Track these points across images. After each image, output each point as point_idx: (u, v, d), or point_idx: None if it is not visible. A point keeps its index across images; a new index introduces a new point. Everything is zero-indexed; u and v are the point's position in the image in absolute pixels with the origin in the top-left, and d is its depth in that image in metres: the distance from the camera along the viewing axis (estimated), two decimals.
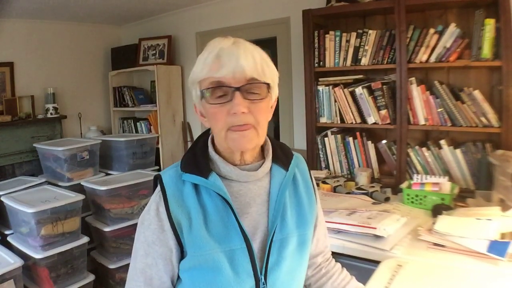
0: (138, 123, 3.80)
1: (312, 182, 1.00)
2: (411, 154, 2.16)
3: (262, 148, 0.93)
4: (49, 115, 3.47)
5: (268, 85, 0.82)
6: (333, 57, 2.34)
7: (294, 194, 0.93)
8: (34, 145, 3.17)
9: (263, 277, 0.84)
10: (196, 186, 0.85)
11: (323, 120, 2.43)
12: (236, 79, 0.78)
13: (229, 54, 0.78)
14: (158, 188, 0.86)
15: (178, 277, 0.88)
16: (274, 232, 0.86)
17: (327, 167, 2.47)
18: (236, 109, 0.78)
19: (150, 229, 0.84)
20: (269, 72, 0.83)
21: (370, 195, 2.01)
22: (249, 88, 0.79)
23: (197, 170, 0.85)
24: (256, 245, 0.85)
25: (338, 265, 1.11)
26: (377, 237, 1.42)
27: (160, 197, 0.84)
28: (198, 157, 0.88)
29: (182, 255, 0.85)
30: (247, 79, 0.78)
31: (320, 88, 2.39)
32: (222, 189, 0.83)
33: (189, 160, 0.88)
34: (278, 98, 0.94)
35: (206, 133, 0.93)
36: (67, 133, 3.67)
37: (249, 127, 0.80)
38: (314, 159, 2.50)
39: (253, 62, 0.79)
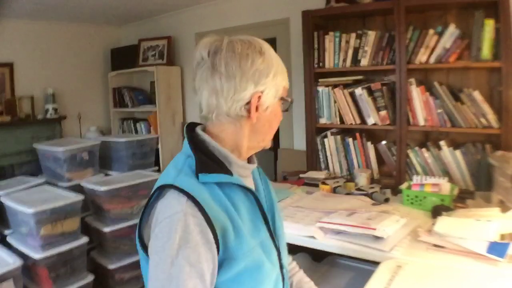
0: (137, 124, 3.80)
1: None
2: (411, 155, 2.16)
3: None
4: (48, 116, 3.46)
5: None
6: (333, 58, 2.34)
7: (262, 180, 1.02)
8: (34, 145, 3.17)
9: (279, 257, 0.90)
10: (219, 186, 0.81)
11: (323, 121, 2.43)
12: None
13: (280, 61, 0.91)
14: (181, 198, 0.75)
15: None
16: (274, 215, 0.94)
17: (327, 168, 2.47)
18: (282, 117, 0.92)
19: (189, 247, 0.71)
20: None
21: (369, 196, 2.00)
22: None
23: (221, 168, 0.83)
24: None
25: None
26: (377, 238, 1.42)
27: (192, 207, 0.73)
28: (213, 157, 0.85)
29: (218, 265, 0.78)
30: None
31: (319, 89, 2.39)
32: (245, 184, 0.85)
33: (206, 161, 0.82)
34: None
35: (192, 133, 0.89)
36: (66, 134, 3.67)
37: None
38: (313, 160, 2.50)
39: None
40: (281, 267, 0.91)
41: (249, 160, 0.94)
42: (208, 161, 0.82)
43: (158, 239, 0.73)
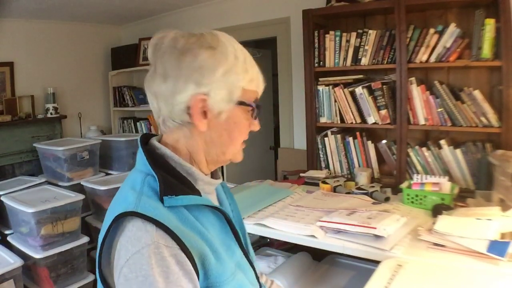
0: (138, 123, 3.80)
1: None
2: (411, 154, 2.16)
3: None
4: (49, 115, 3.46)
5: None
6: (333, 57, 2.34)
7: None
8: (34, 145, 3.18)
9: (256, 274, 0.86)
10: (186, 208, 0.71)
11: (323, 120, 2.43)
12: None
13: (254, 64, 0.78)
14: (149, 228, 0.63)
15: None
16: (244, 231, 0.90)
17: (327, 167, 2.47)
18: (257, 127, 0.79)
19: (171, 281, 0.61)
20: None
21: (370, 195, 2.00)
22: None
23: (189, 189, 0.73)
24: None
25: None
26: (377, 237, 1.42)
27: (163, 236, 0.63)
28: (177, 175, 0.74)
29: None
30: None
31: (320, 88, 2.39)
32: (214, 203, 0.77)
33: (170, 181, 0.71)
34: (278, 98, 0.94)
35: (147, 146, 0.78)
36: (67, 133, 3.67)
37: None
38: (314, 159, 2.50)
39: None
40: (260, 286, 0.86)
41: (213, 175, 0.83)
42: (173, 181, 0.71)
43: (130, 282, 0.61)
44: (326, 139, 2.45)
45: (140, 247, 0.61)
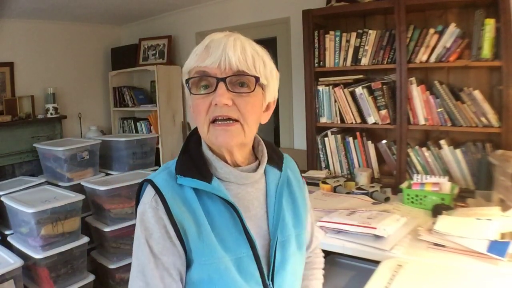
0: (138, 123, 3.80)
1: (302, 180, 0.98)
2: (411, 154, 2.16)
3: (254, 149, 0.89)
4: (49, 115, 3.47)
5: (257, 79, 0.75)
6: (333, 57, 2.34)
7: (289, 193, 0.91)
8: (34, 145, 3.17)
9: (271, 282, 0.82)
10: (196, 191, 0.78)
11: (323, 120, 2.43)
12: (222, 69, 0.73)
13: (218, 44, 0.74)
14: (151, 192, 0.77)
15: None
16: (277, 235, 0.83)
17: (327, 167, 2.47)
18: (217, 99, 0.72)
19: (154, 238, 0.74)
20: (263, 69, 0.77)
21: (370, 195, 2.01)
22: (236, 80, 0.74)
23: (198, 174, 0.78)
24: (259, 250, 0.81)
25: (319, 260, 1.08)
26: (377, 237, 1.42)
27: (156, 202, 0.76)
28: (195, 159, 0.81)
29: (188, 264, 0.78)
30: (233, 70, 0.73)
31: (320, 88, 2.39)
32: (226, 195, 0.78)
33: (187, 162, 0.81)
34: (278, 99, 0.90)
35: (196, 132, 0.85)
36: (67, 133, 3.67)
37: (234, 123, 0.75)
38: (314, 159, 2.50)
39: (242, 53, 0.74)
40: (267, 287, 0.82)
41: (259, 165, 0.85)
42: (187, 164, 0.80)
43: (135, 229, 0.78)
44: (326, 139, 2.45)
45: (141, 206, 0.78)
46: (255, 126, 0.80)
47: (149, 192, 0.78)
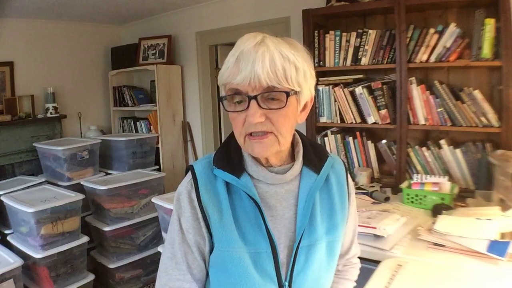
0: (138, 123, 3.80)
1: (348, 185, 0.94)
2: (411, 154, 2.16)
3: (293, 150, 0.89)
4: (49, 115, 3.46)
5: (287, 93, 0.76)
6: (333, 56, 2.34)
7: (326, 198, 0.89)
8: (34, 144, 3.17)
9: (287, 284, 0.83)
10: (227, 183, 0.84)
11: (323, 119, 2.43)
12: (252, 86, 0.74)
13: (247, 57, 0.74)
14: (190, 177, 0.86)
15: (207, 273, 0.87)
16: (302, 237, 0.83)
17: None
18: (250, 119, 0.75)
19: (185, 216, 0.84)
20: (294, 76, 0.76)
21: (370, 194, 2.01)
22: (267, 95, 0.75)
23: (230, 168, 0.84)
24: (281, 250, 0.83)
25: (353, 272, 1.05)
26: (377, 236, 1.42)
27: (192, 186, 0.84)
28: (231, 154, 0.86)
29: (211, 247, 0.85)
30: (263, 87, 0.74)
31: (320, 87, 2.39)
32: (252, 191, 0.82)
33: (223, 156, 0.87)
34: None
35: None
36: (67, 133, 3.67)
37: (268, 135, 0.78)
38: None
39: (271, 67, 0.73)
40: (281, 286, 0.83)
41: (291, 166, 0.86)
42: (223, 157, 0.86)
43: (173, 206, 0.88)
44: (326, 139, 2.45)
45: (179, 188, 0.87)
46: (290, 133, 0.82)
47: (188, 176, 0.87)
